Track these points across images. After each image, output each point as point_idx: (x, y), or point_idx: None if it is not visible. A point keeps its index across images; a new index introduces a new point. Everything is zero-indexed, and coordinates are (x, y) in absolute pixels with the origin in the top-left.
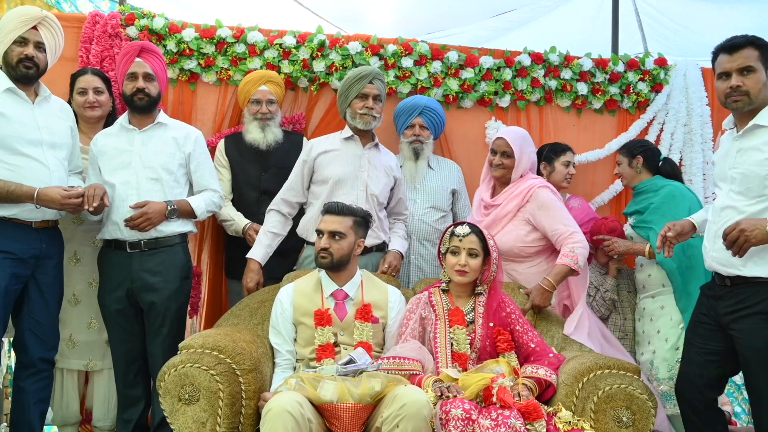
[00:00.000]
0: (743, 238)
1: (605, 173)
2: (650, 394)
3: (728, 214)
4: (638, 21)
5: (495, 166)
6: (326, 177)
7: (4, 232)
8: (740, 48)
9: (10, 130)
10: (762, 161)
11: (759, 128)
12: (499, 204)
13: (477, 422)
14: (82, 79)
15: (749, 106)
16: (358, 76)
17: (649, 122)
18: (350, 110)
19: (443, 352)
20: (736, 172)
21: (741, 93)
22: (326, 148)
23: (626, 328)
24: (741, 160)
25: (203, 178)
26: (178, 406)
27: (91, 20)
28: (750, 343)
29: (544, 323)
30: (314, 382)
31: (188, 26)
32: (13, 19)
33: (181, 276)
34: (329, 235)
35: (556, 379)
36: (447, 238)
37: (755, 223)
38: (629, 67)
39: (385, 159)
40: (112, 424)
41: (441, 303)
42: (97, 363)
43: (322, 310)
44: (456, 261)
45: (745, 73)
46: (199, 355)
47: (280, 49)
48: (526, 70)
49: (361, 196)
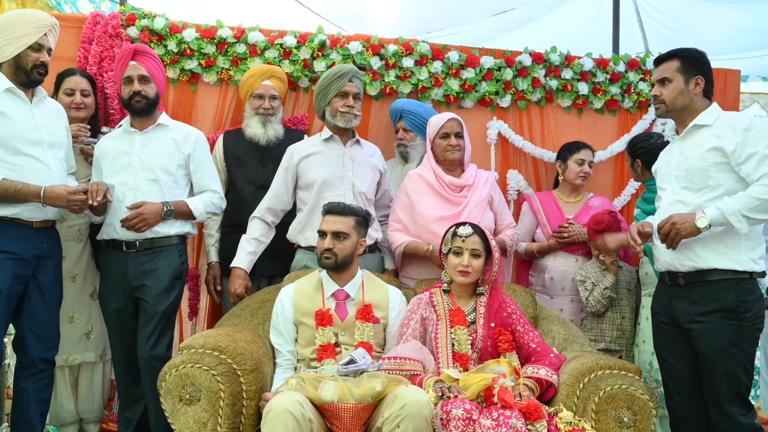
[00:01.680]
0: (674, 230)
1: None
2: (651, 394)
3: (677, 208)
4: (639, 20)
5: (452, 148)
6: (311, 180)
7: (5, 232)
8: (663, 61)
9: (12, 130)
10: (702, 154)
11: (698, 128)
12: (470, 185)
13: (478, 422)
14: (70, 80)
15: (666, 114)
16: (337, 74)
17: (651, 122)
18: (330, 108)
19: (444, 352)
20: (680, 170)
21: (659, 101)
22: (307, 152)
23: (624, 326)
24: (684, 159)
25: (203, 178)
26: (179, 406)
27: (91, 20)
28: (710, 343)
29: (544, 323)
30: (315, 383)
31: (189, 26)
32: (28, 23)
33: (171, 277)
34: (333, 236)
35: (557, 379)
36: (449, 238)
37: (685, 217)
38: (630, 67)
39: (368, 152)
40: (97, 416)
41: (442, 303)
42: (76, 357)
43: (323, 310)
44: (459, 261)
45: (664, 83)
46: (200, 356)
47: (281, 49)
48: (527, 70)
49: (348, 195)
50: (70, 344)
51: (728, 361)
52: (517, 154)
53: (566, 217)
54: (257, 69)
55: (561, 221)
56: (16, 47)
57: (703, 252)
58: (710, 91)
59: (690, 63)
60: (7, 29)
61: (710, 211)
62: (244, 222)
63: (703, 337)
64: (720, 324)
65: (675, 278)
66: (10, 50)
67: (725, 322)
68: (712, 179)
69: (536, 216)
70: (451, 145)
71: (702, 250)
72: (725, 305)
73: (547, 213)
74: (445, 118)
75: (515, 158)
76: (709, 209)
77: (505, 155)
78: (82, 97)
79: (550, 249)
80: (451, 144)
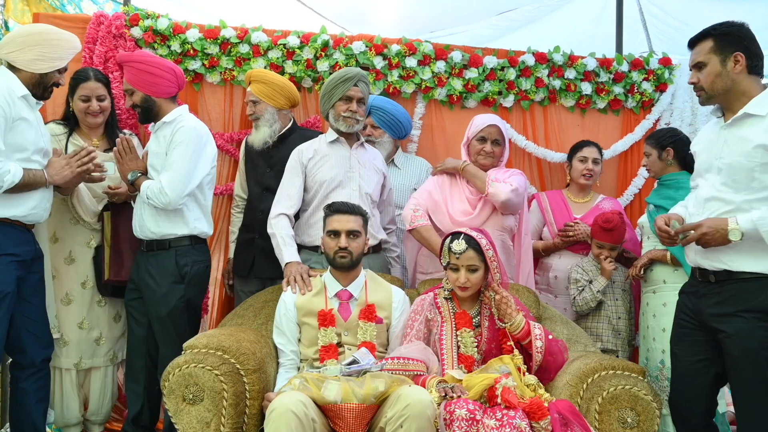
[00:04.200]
0: (704, 240)
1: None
2: (655, 395)
3: (714, 205)
4: (642, 20)
5: (486, 154)
6: (320, 181)
7: (10, 235)
8: (695, 43)
9: (29, 135)
10: (749, 152)
11: (749, 117)
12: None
13: (481, 422)
14: (85, 86)
15: (709, 101)
16: (343, 77)
17: (654, 122)
18: (333, 112)
19: (449, 354)
20: (722, 163)
21: (698, 89)
22: (314, 154)
23: (620, 326)
24: (728, 151)
25: (161, 165)
26: (182, 406)
27: (95, 21)
28: (741, 344)
29: (548, 323)
30: (318, 383)
31: (192, 27)
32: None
33: (172, 281)
34: (347, 235)
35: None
36: (445, 251)
37: (717, 227)
38: (633, 67)
39: (372, 156)
40: (104, 418)
41: (446, 305)
42: (86, 361)
43: (326, 310)
44: (456, 277)
45: (700, 68)
46: (203, 355)
47: (284, 49)
48: (530, 69)
49: (354, 196)
50: (81, 349)
51: (759, 364)
52: (521, 154)
53: (573, 217)
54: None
55: (568, 220)
56: (48, 66)
57: (733, 257)
58: (757, 66)
59: (724, 40)
60: (46, 46)
61: (744, 224)
62: (251, 222)
63: (733, 339)
64: (752, 325)
65: (705, 275)
66: (41, 66)
67: (757, 323)
68: (757, 181)
69: (543, 214)
70: (485, 150)
71: (731, 255)
72: (758, 305)
73: (555, 212)
74: (486, 122)
75: (520, 158)
76: (743, 220)
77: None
78: (98, 103)
79: (555, 248)
80: (485, 150)
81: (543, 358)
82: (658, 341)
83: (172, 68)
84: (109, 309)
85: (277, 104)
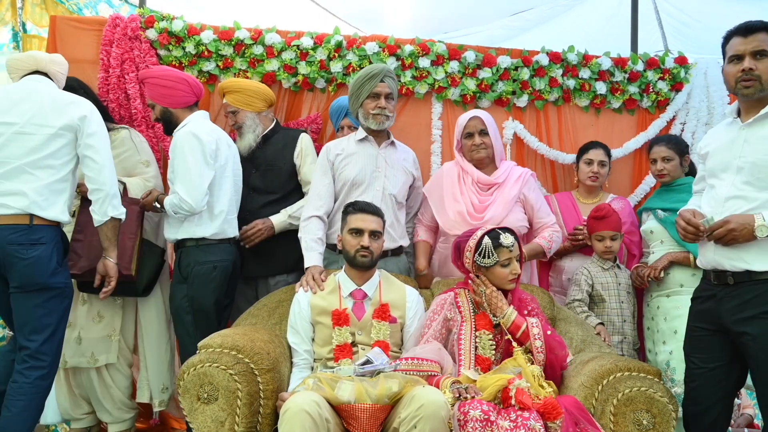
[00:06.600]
0: (731, 236)
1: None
2: (671, 397)
3: (736, 203)
4: (658, 19)
5: (477, 147)
6: (344, 180)
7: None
8: (756, 31)
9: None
10: None
11: None
12: (500, 183)
13: (496, 423)
14: None
15: (759, 93)
16: (368, 75)
17: (669, 121)
18: (362, 110)
19: (467, 355)
20: (744, 161)
21: (753, 77)
22: (341, 152)
23: (625, 330)
24: (750, 150)
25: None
26: (197, 405)
27: (111, 23)
28: (766, 346)
29: (562, 324)
30: (332, 383)
31: (207, 28)
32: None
33: (177, 280)
34: (370, 234)
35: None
36: (489, 250)
37: (744, 223)
38: (649, 66)
39: (402, 156)
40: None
41: (467, 304)
42: (99, 358)
43: (340, 309)
44: (510, 270)
45: (759, 57)
46: (217, 355)
47: (298, 50)
48: (544, 69)
49: (377, 197)
50: (94, 346)
51: None
52: (534, 154)
53: (582, 219)
54: None
55: (577, 222)
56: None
57: (756, 256)
58: None
59: None
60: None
61: None
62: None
63: (757, 341)
64: None
65: (723, 278)
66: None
67: None
68: None
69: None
70: (475, 144)
71: (753, 254)
72: None
73: (564, 213)
74: (467, 118)
75: (533, 159)
76: None
77: (521, 156)
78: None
79: (566, 251)
80: (474, 143)
81: (546, 357)
82: (669, 344)
83: (185, 79)
84: (90, 308)
85: (256, 108)
